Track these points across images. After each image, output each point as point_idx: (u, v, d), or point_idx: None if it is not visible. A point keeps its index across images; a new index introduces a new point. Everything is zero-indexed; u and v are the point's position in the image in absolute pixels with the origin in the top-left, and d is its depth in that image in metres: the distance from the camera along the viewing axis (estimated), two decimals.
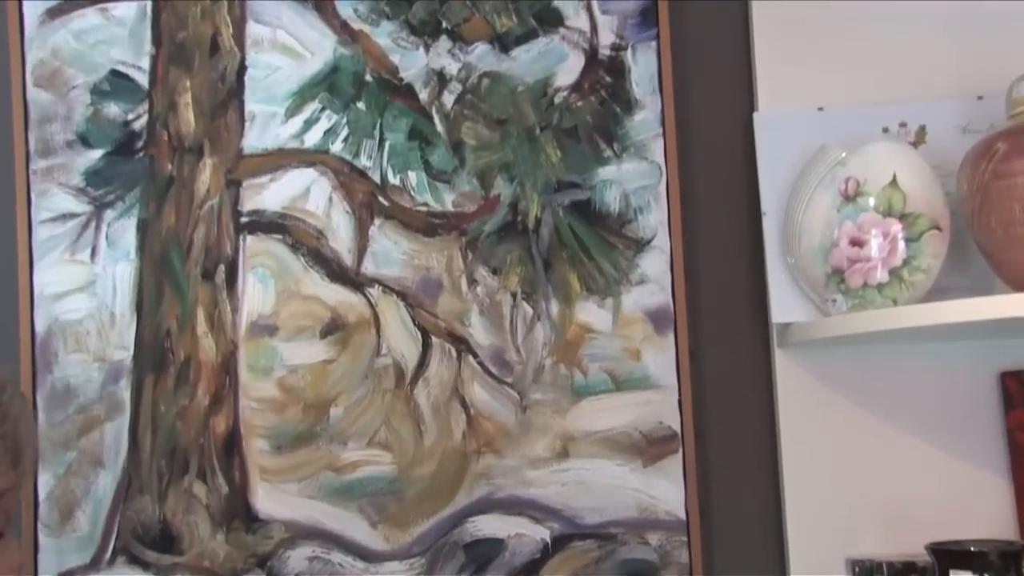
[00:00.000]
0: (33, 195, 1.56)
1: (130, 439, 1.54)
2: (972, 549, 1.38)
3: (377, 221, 1.56)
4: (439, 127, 1.54)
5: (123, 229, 1.56)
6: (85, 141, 1.53)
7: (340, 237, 1.56)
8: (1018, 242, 1.32)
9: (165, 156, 1.53)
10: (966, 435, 1.60)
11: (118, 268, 1.56)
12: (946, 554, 1.39)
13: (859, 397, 1.60)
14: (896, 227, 1.42)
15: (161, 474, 1.54)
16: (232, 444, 1.54)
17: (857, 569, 1.52)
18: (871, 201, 1.43)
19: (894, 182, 1.41)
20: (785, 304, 1.56)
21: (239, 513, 1.54)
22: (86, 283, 1.56)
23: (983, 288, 1.46)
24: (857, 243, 1.44)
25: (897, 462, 1.59)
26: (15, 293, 1.54)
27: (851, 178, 1.44)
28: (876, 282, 1.44)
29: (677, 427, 1.56)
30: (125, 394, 1.55)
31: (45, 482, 1.52)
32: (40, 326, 1.55)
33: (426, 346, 1.57)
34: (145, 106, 1.54)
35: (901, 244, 1.43)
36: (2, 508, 1.01)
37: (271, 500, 1.54)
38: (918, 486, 1.58)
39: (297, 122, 1.54)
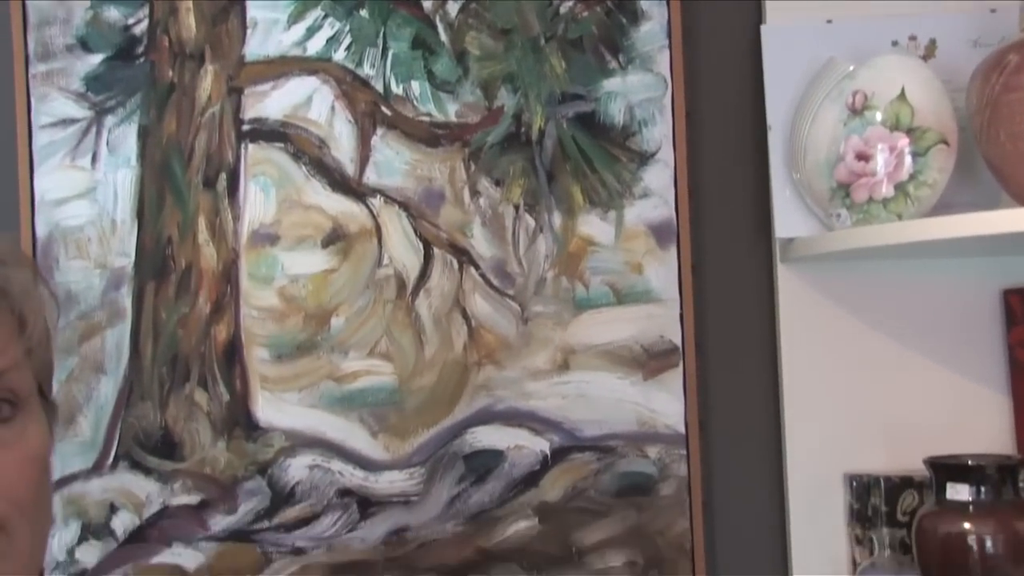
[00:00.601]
0: (33, 99, 1.55)
1: (131, 346, 1.56)
2: (970, 463, 1.39)
3: (379, 131, 1.56)
4: (443, 36, 1.54)
5: (124, 135, 1.56)
6: (85, 45, 1.53)
7: (342, 146, 1.56)
8: None
9: (166, 62, 1.53)
10: (967, 352, 1.62)
11: (119, 175, 1.57)
12: (944, 468, 1.40)
13: (861, 313, 1.61)
14: (903, 141, 1.42)
15: (162, 381, 1.56)
16: (233, 352, 1.56)
17: (854, 484, 1.55)
18: (878, 115, 1.42)
19: (902, 96, 1.41)
20: (789, 219, 1.57)
21: (240, 421, 1.56)
22: (87, 189, 1.57)
23: (989, 205, 1.44)
24: (863, 157, 1.44)
25: (897, 378, 1.61)
26: (16, 199, 1.55)
27: (859, 91, 1.43)
28: (881, 197, 1.44)
29: (678, 341, 1.57)
30: (126, 301, 1.56)
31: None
32: (41, 232, 1.56)
33: (428, 257, 1.58)
34: (146, 10, 1.53)
35: (907, 159, 1.43)
36: (7, 386, 0.97)
37: (272, 409, 1.56)
38: (918, 402, 1.60)
39: (299, 29, 1.53)
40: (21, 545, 0.94)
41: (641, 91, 1.56)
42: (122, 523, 1.55)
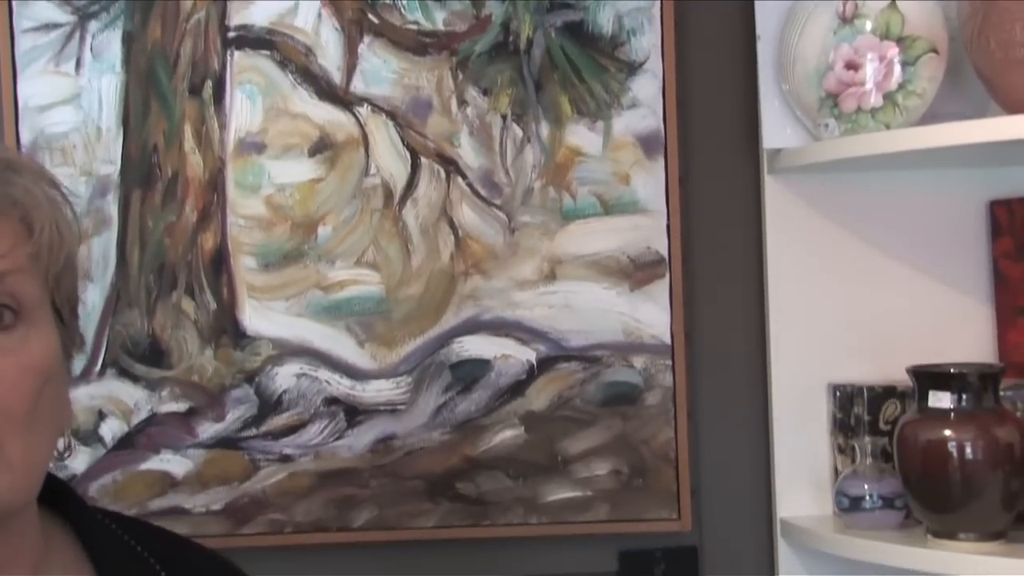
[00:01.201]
0: (14, 3, 1.56)
1: (118, 254, 1.58)
2: (952, 371, 1.43)
3: (367, 39, 1.58)
4: None
5: (108, 41, 1.57)
6: None
7: (329, 55, 1.58)
8: (1016, 64, 1.34)
9: None
10: (952, 263, 1.66)
11: (103, 81, 1.58)
12: (926, 376, 1.44)
13: (847, 224, 1.65)
14: (893, 50, 1.45)
15: (149, 289, 1.59)
16: (220, 261, 1.59)
17: (838, 394, 1.61)
18: (868, 24, 1.45)
19: (893, 4, 1.43)
20: (777, 130, 1.61)
21: (227, 329, 1.59)
22: (71, 96, 1.59)
23: (977, 115, 1.47)
24: (852, 67, 1.47)
25: (882, 289, 1.65)
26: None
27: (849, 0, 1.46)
28: (870, 106, 1.48)
29: (665, 252, 1.61)
30: (112, 209, 1.58)
31: None
32: (25, 138, 1.57)
33: (415, 167, 1.60)
34: None
35: (897, 68, 1.46)
36: (8, 290, 0.97)
37: (259, 317, 1.59)
38: (902, 313, 1.65)
39: None
40: (14, 456, 0.94)
41: (630, 0, 1.59)
42: (110, 430, 1.59)
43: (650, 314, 1.62)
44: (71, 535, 1.08)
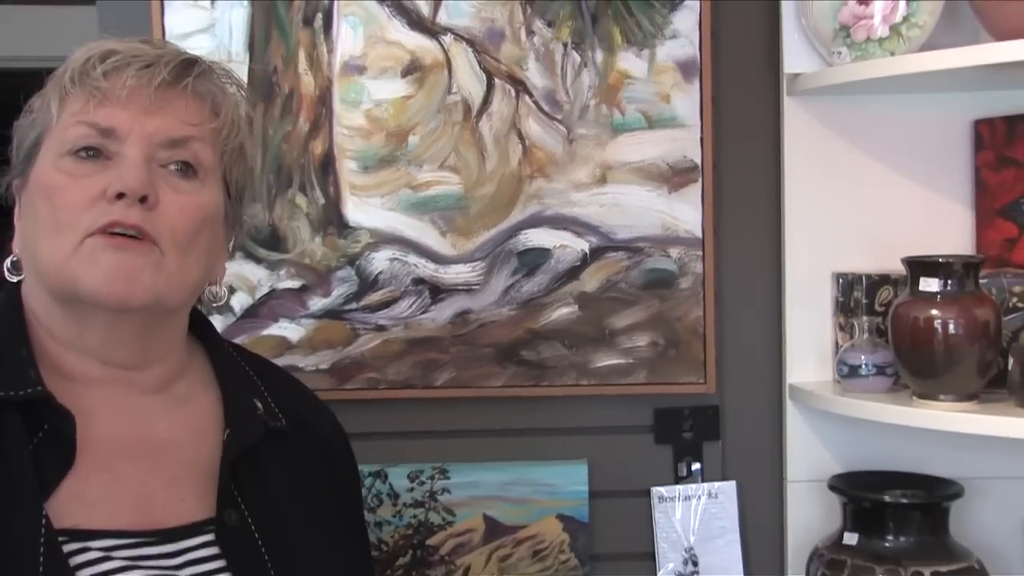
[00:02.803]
0: None
1: None
2: (940, 260, 1.58)
3: None
4: None
5: None
6: None
7: None
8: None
9: None
10: (941, 172, 1.81)
11: (233, 13, 1.76)
12: (918, 265, 1.59)
13: (853, 139, 1.80)
14: None
15: (270, 187, 1.78)
16: (327, 164, 1.78)
17: (840, 281, 1.78)
18: None
19: None
20: (796, 57, 1.75)
21: (333, 221, 1.78)
22: (207, 25, 1.77)
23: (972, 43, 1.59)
24: (863, 2, 1.62)
25: (881, 194, 1.80)
26: (150, 33, 1.75)
27: None
28: (877, 36, 1.62)
29: (698, 160, 1.77)
30: None
31: None
32: None
33: (490, 86, 1.77)
34: None
35: (902, 3, 1.61)
36: (192, 151, 1.14)
37: (359, 211, 1.78)
38: (897, 214, 1.80)
39: None
40: (171, 265, 1.11)
41: None
42: (239, 302, 1.79)
43: (684, 212, 1.78)
44: (206, 356, 1.27)
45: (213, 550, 1.12)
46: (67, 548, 1.02)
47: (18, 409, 1.06)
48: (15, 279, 1.17)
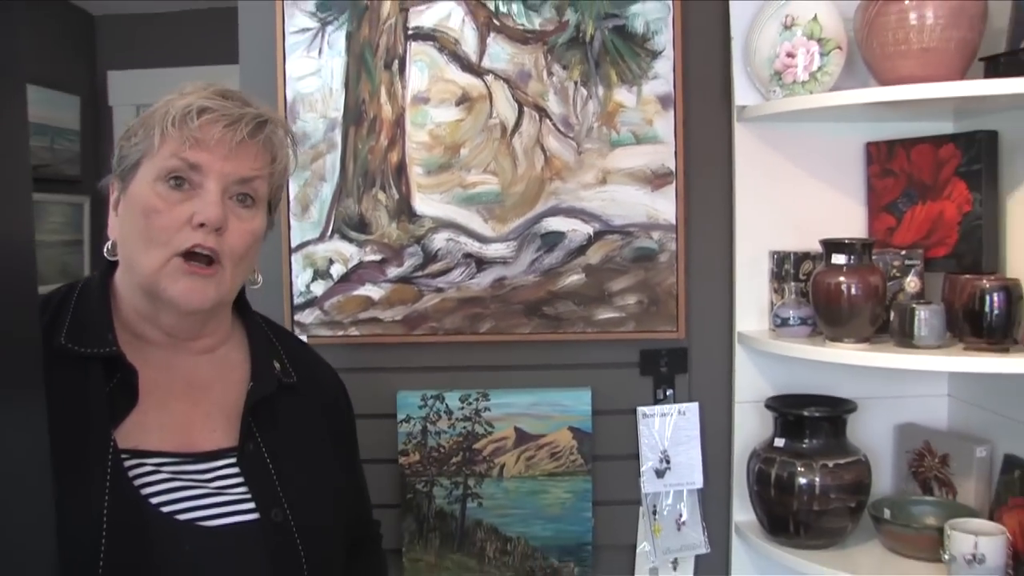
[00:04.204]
0: (285, 17, 2.06)
1: (341, 165, 2.08)
2: (846, 241, 1.88)
3: (491, 35, 2.06)
4: None
5: (337, 37, 2.07)
6: None
7: (469, 44, 2.07)
8: (888, 57, 1.79)
9: None
10: (845, 179, 2.12)
11: (334, 61, 2.08)
12: (831, 244, 1.90)
13: (785, 154, 2.11)
14: (815, 46, 1.90)
15: (359, 186, 2.09)
16: (401, 169, 2.08)
17: (775, 256, 2.10)
18: (800, 30, 1.90)
19: (815, 18, 1.89)
20: (744, 93, 2.06)
21: (405, 211, 2.09)
22: (315, 70, 2.08)
23: (863, 87, 1.85)
24: (791, 55, 1.92)
25: (804, 194, 2.12)
26: (274, 77, 2.06)
27: (789, 15, 1.91)
28: (801, 80, 1.92)
29: (673, 168, 2.08)
30: (337, 138, 2.08)
31: (293, 190, 2.12)
32: (289, 96, 2.08)
33: (520, 113, 2.07)
34: None
35: (817, 57, 1.90)
36: (254, 187, 1.28)
37: (424, 204, 2.09)
38: (815, 208, 2.11)
39: None
40: (227, 276, 1.26)
41: (654, 13, 2.05)
42: (335, 271, 2.10)
43: (663, 206, 2.07)
44: (242, 326, 1.42)
45: (235, 470, 1.26)
46: (128, 463, 1.18)
47: (100, 361, 1.20)
48: (113, 259, 1.32)
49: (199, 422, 1.27)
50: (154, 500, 1.17)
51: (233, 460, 1.27)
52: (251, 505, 1.24)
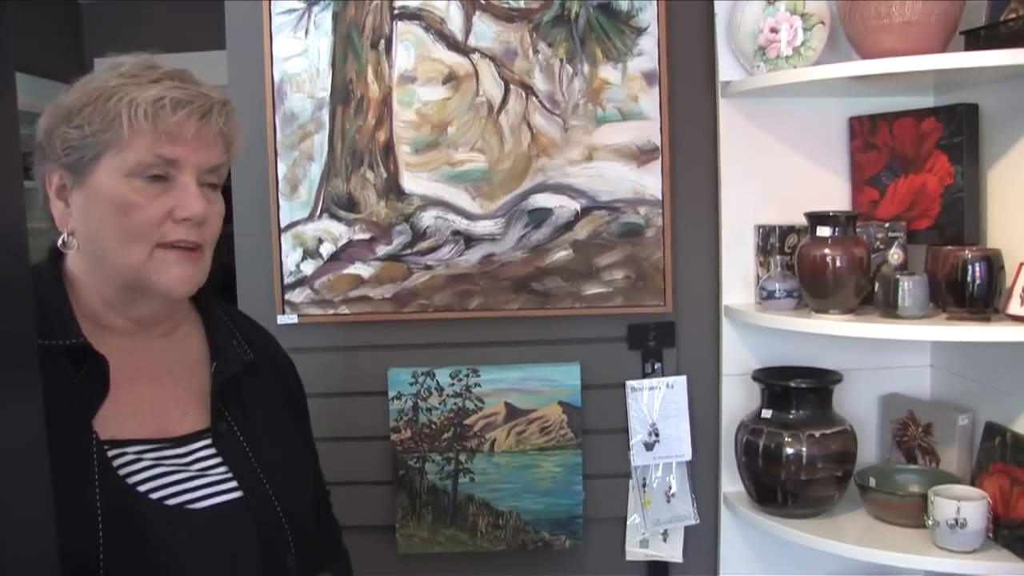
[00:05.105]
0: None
1: (329, 144, 2.12)
2: (831, 214, 1.92)
3: (477, 13, 2.10)
4: None
5: (324, 18, 2.10)
6: None
7: (455, 22, 2.10)
8: (871, 32, 1.83)
9: None
10: (828, 153, 2.16)
11: (321, 41, 2.11)
12: (816, 217, 1.93)
13: (769, 129, 2.14)
14: (798, 21, 1.96)
15: (347, 165, 2.12)
16: (389, 148, 2.12)
17: (760, 230, 2.15)
18: (784, 5, 1.95)
19: None
20: (728, 69, 2.11)
21: (393, 190, 2.13)
22: (302, 50, 2.12)
23: (845, 61, 1.88)
24: (774, 30, 1.97)
25: (789, 168, 2.15)
26: (262, 58, 2.13)
27: None
28: (784, 55, 1.97)
29: (659, 143, 2.12)
30: (325, 118, 2.11)
31: (281, 170, 2.15)
32: (276, 77, 2.12)
33: (506, 91, 2.11)
34: None
35: (800, 32, 1.95)
36: (220, 174, 1.29)
37: (412, 182, 2.13)
38: (799, 182, 2.15)
39: None
40: (207, 260, 1.28)
41: None
42: (325, 249, 2.15)
43: (649, 181, 2.12)
44: (195, 308, 1.42)
45: (211, 450, 1.28)
46: (110, 453, 1.18)
47: (66, 353, 1.19)
48: (68, 252, 1.28)
49: (171, 406, 1.29)
50: (142, 488, 1.19)
51: (209, 441, 1.28)
52: (233, 484, 1.26)
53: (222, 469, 1.26)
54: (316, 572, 1.42)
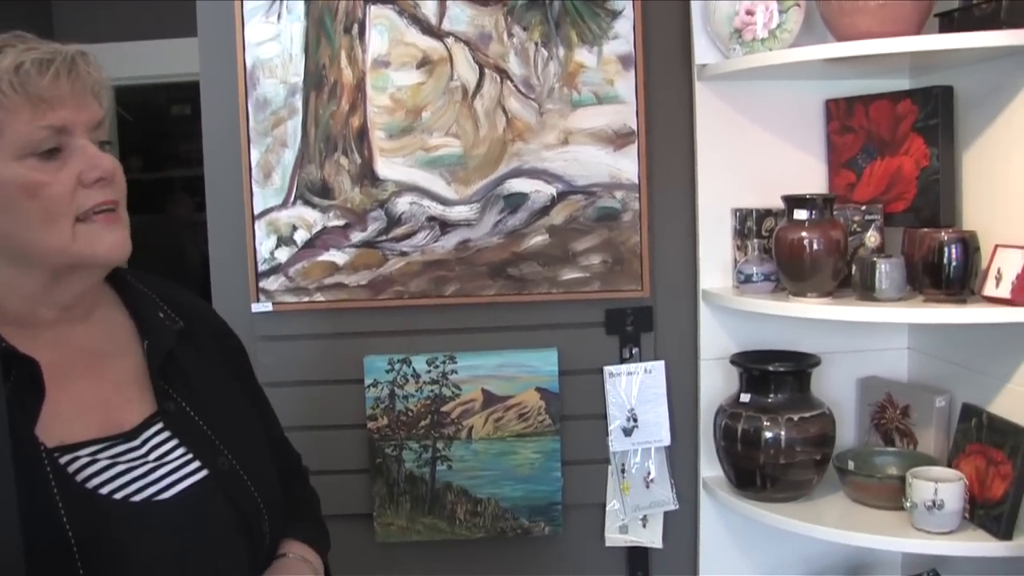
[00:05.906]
0: None
1: (302, 130, 2.12)
2: (808, 196, 1.94)
3: None
4: None
5: (296, 3, 2.09)
6: None
7: (428, 6, 2.10)
8: (846, 14, 1.84)
9: None
10: (805, 136, 2.15)
11: (293, 25, 2.11)
12: (793, 199, 1.95)
13: (745, 112, 2.15)
14: (774, 3, 1.97)
15: (321, 151, 2.12)
16: (363, 134, 2.12)
17: (737, 214, 2.16)
18: None
19: None
20: (704, 52, 2.11)
21: (367, 175, 2.13)
22: (275, 35, 2.11)
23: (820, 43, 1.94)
24: (750, 13, 1.98)
25: (765, 151, 2.16)
26: (233, 42, 2.11)
27: None
28: (760, 37, 1.98)
29: (635, 127, 2.13)
30: (299, 103, 2.11)
31: (255, 156, 2.14)
32: (249, 62, 2.11)
33: (481, 75, 2.12)
34: None
35: (776, 14, 1.96)
36: (105, 130, 1.22)
37: (387, 168, 2.13)
38: (775, 165, 2.16)
39: None
40: (127, 219, 1.21)
41: None
42: (299, 237, 2.14)
43: (625, 165, 2.12)
44: (107, 284, 1.32)
45: (166, 434, 1.23)
46: (63, 460, 1.12)
47: None
48: None
49: (112, 395, 1.23)
50: (104, 490, 1.15)
51: (161, 425, 1.24)
52: (196, 464, 1.23)
53: (181, 451, 1.23)
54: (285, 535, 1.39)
